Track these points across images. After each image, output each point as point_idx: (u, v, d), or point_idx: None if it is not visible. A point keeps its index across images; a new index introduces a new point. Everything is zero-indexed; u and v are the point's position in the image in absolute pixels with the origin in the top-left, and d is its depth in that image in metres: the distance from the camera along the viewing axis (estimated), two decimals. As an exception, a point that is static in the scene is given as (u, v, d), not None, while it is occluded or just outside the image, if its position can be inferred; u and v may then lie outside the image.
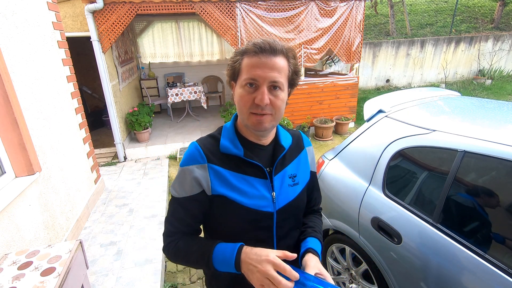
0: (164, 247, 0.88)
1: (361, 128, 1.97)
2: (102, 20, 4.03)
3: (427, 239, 1.36)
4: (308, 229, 0.98)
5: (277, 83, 0.75)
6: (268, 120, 0.78)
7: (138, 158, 4.77)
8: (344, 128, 5.42)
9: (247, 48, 0.77)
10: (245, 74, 0.76)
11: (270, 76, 0.74)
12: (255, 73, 0.74)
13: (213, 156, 0.83)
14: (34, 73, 2.36)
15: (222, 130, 0.89)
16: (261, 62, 0.74)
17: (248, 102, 0.76)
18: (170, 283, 2.31)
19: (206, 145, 0.85)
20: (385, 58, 8.49)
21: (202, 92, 5.77)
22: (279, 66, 0.75)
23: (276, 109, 0.77)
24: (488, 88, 8.02)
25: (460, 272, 1.23)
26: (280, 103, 0.77)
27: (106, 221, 2.95)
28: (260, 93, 0.75)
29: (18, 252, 1.64)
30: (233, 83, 0.83)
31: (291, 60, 0.79)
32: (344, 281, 2.01)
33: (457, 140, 1.37)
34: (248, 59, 0.76)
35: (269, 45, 0.75)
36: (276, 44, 0.75)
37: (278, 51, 0.75)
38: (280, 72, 0.75)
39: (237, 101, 0.80)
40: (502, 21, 9.70)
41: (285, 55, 0.77)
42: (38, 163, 2.20)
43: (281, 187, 0.87)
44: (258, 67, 0.74)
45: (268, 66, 0.74)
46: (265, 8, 4.61)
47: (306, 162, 0.98)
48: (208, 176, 0.82)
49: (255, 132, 0.82)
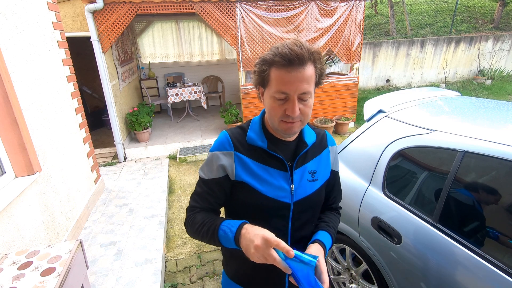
0: (185, 220, 0.95)
1: (361, 128, 1.97)
2: (102, 20, 4.03)
3: (427, 239, 1.36)
4: (322, 223, 1.01)
5: (306, 94, 0.78)
6: (298, 126, 0.83)
7: (138, 158, 4.77)
8: (344, 128, 5.42)
9: (274, 60, 0.76)
10: (274, 87, 0.78)
11: (300, 88, 0.76)
12: (285, 88, 0.76)
13: (240, 146, 0.90)
14: (34, 73, 2.36)
15: (250, 123, 0.94)
16: (290, 76, 0.75)
17: (279, 113, 0.81)
18: (170, 283, 2.31)
19: (235, 134, 0.92)
20: (385, 58, 8.48)
21: (202, 92, 5.77)
22: (308, 76, 0.76)
23: (305, 116, 0.82)
24: (488, 88, 8.02)
25: (460, 272, 1.23)
26: (308, 109, 0.81)
27: (106, 221, 2.95)
28: (290, 105, 0.78)
29: (18, 252, 1.64)
30: (261, 87, 0.86)
31: (317, 65, 0.79)
32: (344, 281, 2.01)
33: (457, 140, 1.37)
34: (277, 71, 0.76)
35: (297, 56, 0.73)
36: (303, 52, 0.74)
37: (306, 59, 0.75)
38: (309, 82, 0.77)
39: (267, 109, 0.85)
40: (502, 21, 9.70)
41: (312, 62, 0.77)
42: (38, 163, 2.20)
43: (300, 181, 0.91)
44: (288, 81, 0.75)
45: (298, 78, 0.75)
46: (265, 8, 4.61)
47: (328, 160, 1.00)
48: (233, 162, 0.89)
49: (284, 135, 0.88)
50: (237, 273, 1.02)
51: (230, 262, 1.04)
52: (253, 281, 0.99)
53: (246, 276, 1.00)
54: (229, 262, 1.05)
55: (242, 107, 5.19)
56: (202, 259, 2.58)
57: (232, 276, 1.04)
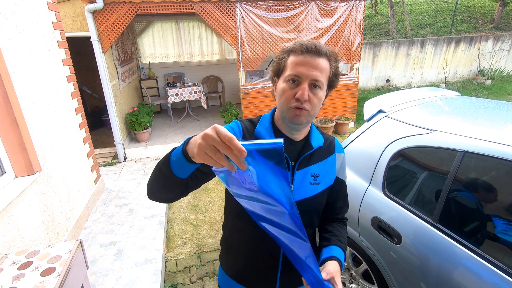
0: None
1: (361, 128, 1.97)
2: (102, 20, 4.03)
3: (427, 239, 1.36)
4: (333, 237, 0.99)
5: (317, 82, 0.81)
6: (305, 115, 0.83)
7: (138, 158, 4.77)
8: (344, 128, 5.42)
9: (294, 47, 0.83)
10: (289, 71, 0.82)
11: (312, 74, 0.80)
12: (298, 70, 0.80)
13: (249, 136, 0.91)
14: (34, 73, 2.36)
15: (261, 118, 0.96)
16: (305, 60, 0.80)
17: (290, 96, 0.82)
18: (170, 283, 2.31)
19: (246, 125, 0.94)
20: (385, 58, 8.48)
21: (202, 92, 5.77)
22: (322, 67, 0.81)
23: (313, 106, 0.83)
24: (488, 88, 8.02)
25: (460, 272, 1.23)
26: (317, 101, 0.83)
27: (106, 221, 2.95)
28: (301, 88, 0.80)
29: (18, 252, 1.64)
30: (276, 79, 0.89)
31: (333, 63, 0.84)
32: (344, 281, 2.01)
33: (457, 140, 1.37)
34: (294, 57, 0.82)
35: (315, 46, 0.81)
36: (321, 46, 0.82)
37: (323, 53, 0.81)
38: (322, 72, 0.81)
39: (278, 95, 0.86)
40: (502, 21, 9.70)
41: (328, 58, 0.83)
42: (38, 163, 2.20)
43: (301, 182, 0.91)
44: (303, 65, 0.80)
45: (312, 65, 0.80)
46: (265, 8, 4.61)
47: (333, 167, 0.99)
48: None
49: (291, 124, 0.87)
50: (231, 268, 1.03)
51: (226, 255, 1.05)
52: (246, 276, 1.00)
53: (239, 271, 1.01)
54: (225, 255, 1.06)
55: (242, 107, 5.19)
56: (202, 259, 2.58)
57: (226, 269, 1.05)
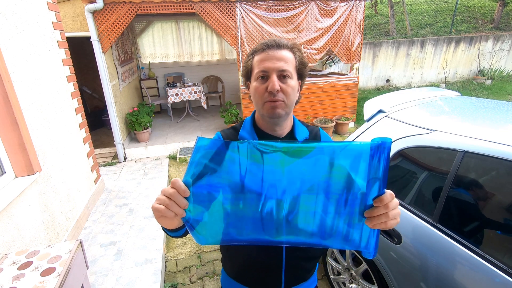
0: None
1: (361, 128, 1.97)
2: (102, 20, 4.03)
3: (427, 239, 1.36)
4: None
5: (285, 72, 0.83)
6: (281, 107, 0.85)
7: (138, 158, 4.77)
8: (344, 128, 5.42)
9: (256, 48, 0.87)
10: (256, 69, 0.86)
11: (278, 65, 0.82)
12: (264, 65, 0.83)
13: None
14: (34, 73, 2.36)
15: (243, 123, 0.98)
16: (268, 55, 0.84)
17: (262, 92, 0.84)
18: (170, 283, 2.31)
19: (228, 134, 0.96)
20: (385, 58, 8.48)
21: (202, 92, 5.77)
22: (286, 57, 0.84)
23: (287, 96, 0.84)
24: (488, 88, 8.02)
25: (460, 272, 1.23)
26: (291, 90, 0.84)
27: (106, 221, 2.95)
28: (271, 81, 0.83)
29: (18, 252, 1.64)
30: (248, 82, 0.91)
31: (296, 53, 0.87)
32: (344, 281, 2.01)
33: (457, 140, 1.37)
34: (258, 56, 0.86)
35: (274, 41, 0.85)
36: (281, 40, 0.86)
37: (283, 46, 0.85)
38: (287, 62, 0.84)
39: (252, 94, 0.89)
40: (502, 21, 9.70)
41: (290, 49, 0.86)
42: (38, 163, 2.20)
43: None
44: (267, 60, 0.84)
45: (276, 57, 0.83)
46: (265, 8, 4.61)
47: None
48: None
49: (270, 119, 0.88)
50: (234, 269, 1.03)
51: (226, 258, 1.05)
52: (250, 277, 1.00)
53: (243, 272, 1.01)
54: (225, 258, 1.06)
55: (242, 107, 5.19)
56: (202, 259, 2.58)
57: (229, 272, 1.05)
